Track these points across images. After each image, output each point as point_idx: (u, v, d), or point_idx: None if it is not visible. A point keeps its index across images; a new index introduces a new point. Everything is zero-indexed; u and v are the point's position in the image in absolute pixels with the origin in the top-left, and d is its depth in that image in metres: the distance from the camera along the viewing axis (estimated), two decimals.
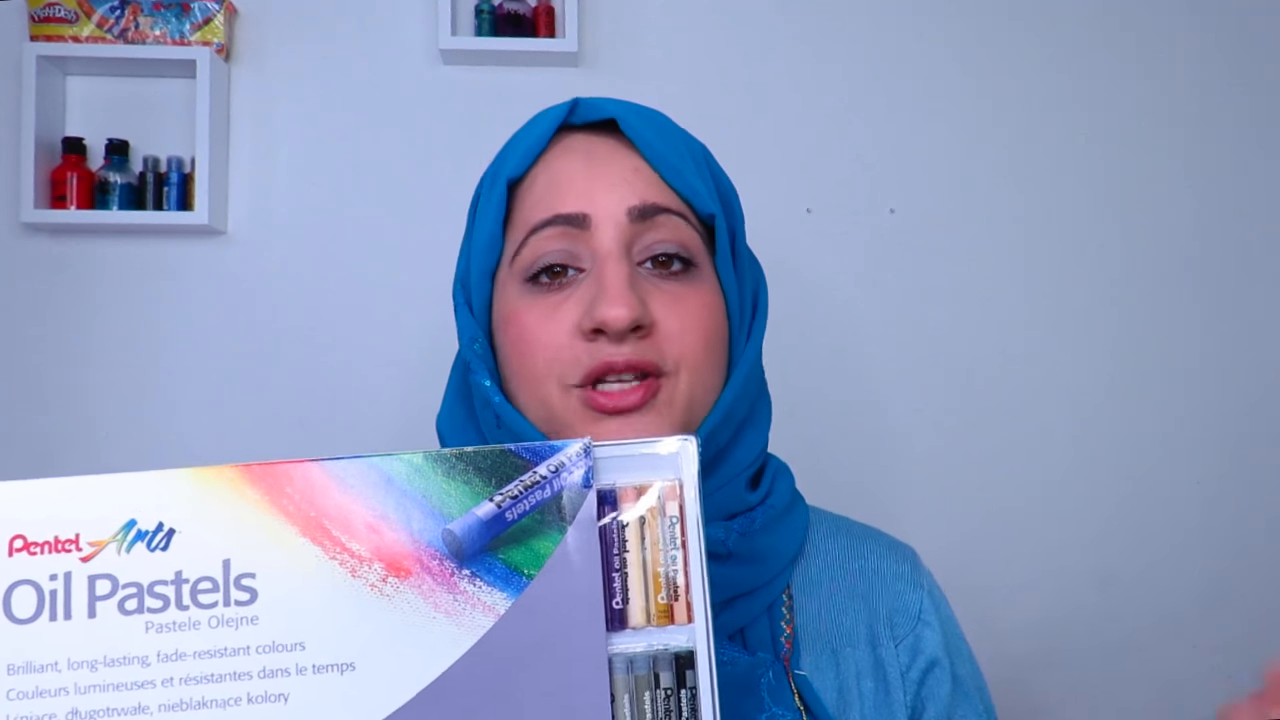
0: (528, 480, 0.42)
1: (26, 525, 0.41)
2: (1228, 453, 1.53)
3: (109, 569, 0.40)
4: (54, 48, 1.36)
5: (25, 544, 0.41)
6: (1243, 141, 1.54)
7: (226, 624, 0.40)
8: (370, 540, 0.41)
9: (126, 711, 0.39)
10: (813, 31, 1.50)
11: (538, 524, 0.42)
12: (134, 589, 0.40)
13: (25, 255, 1.41)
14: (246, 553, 0.41)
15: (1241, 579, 1.52)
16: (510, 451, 0.42)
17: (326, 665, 0.40)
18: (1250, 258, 1.54)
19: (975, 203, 1.51)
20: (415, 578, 0.41)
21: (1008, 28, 1.52)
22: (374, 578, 0.41)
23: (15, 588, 0.40)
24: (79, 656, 0.40)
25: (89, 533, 0.41)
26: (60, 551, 0.41)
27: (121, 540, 0.41)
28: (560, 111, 0.61)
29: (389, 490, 0.42)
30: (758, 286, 0.64)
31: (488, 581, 0.42)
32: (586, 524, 0.42)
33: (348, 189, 1.45)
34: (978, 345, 1.50)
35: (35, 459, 1.41)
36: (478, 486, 0.42)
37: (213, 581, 0.41)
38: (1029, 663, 1.48)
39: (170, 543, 0.41)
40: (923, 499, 1.49)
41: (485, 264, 0.60)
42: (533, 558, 0.42)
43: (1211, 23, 1.55)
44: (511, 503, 0.42)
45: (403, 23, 1.47)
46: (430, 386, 1.41)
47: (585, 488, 0.42)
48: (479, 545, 0.42)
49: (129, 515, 0.41)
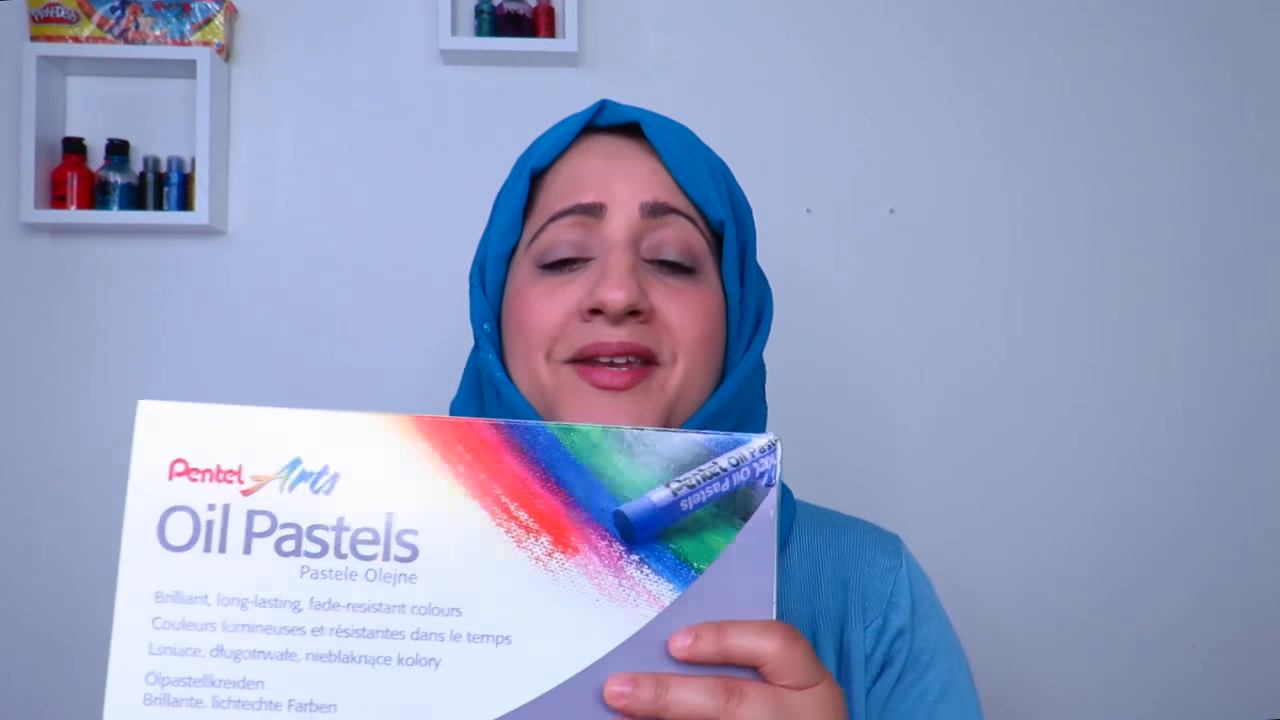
0: (707, 471, 0.41)
1: (189, 450, 0.39)
2: (1227, 453, 1.53)
3: (269, 506, 0.39)
4: (54, 48, 1.36)
5: (186, 469, 0.39)
6: (1243, 142, 1.54)
7: (384, 579, 0.39)
8: (539, 510, 0.40)
9: (273, 656, 0.38)
10: (813, 31, 1.50)
11: (712, 517, 0.40)
12: (293, 530, 0.39)
13: (25, 255, 1.41)
14: (411, 507, 0.39)
15: (1241, 579, 1.52)
16: (693, 438, 0.41)
17: (482, 635, 0.39)
18: (1250, 258, 1.54)
19: (975, 203, 1.51)
20: (582, 556, 0.40)
21: (1008, 28, 1.52)
22: (540, 551, 0.39)
23: (172, 513, 0.39)
24: (230, 593, 0.38)
25: (252, 466, 0.39)
26: (221, 481, 0.39)
27: (285, 478, 0.39)
28: (588, 112, 0.63)
29: (564, 462, 0.40)
30: (762, 302, 0.66)
31: (655, 570, 0.40)
32: (764, 523, 0.40)
33: (348, 189, 1.45)
34: (977, 345, 1.50)
35: (35, 459, 1.41)
36: (656, 471, 0.40)
37: (373, 533, 0.39)
38: (1028, 662, 1.48)
39: (334, 487, 0.39)
40: (922, 498, 1.49)
41: (502, 248, 0.62)
42: (704, 551, 0.40)
43: (1212, 23, 1.54)
44: (688, 492, 0.40)
45: (403, 23, 1.47)
46: (431, 385, 1.41)
47: (767, 486, 0.41)
48: (650, 531, 0.40)
49: (295, 453, 0.39)
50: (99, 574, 1.41)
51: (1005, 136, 1.52)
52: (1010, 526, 1.50)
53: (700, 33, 1.49)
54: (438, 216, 1.44)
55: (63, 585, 1.40)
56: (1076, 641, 1.50)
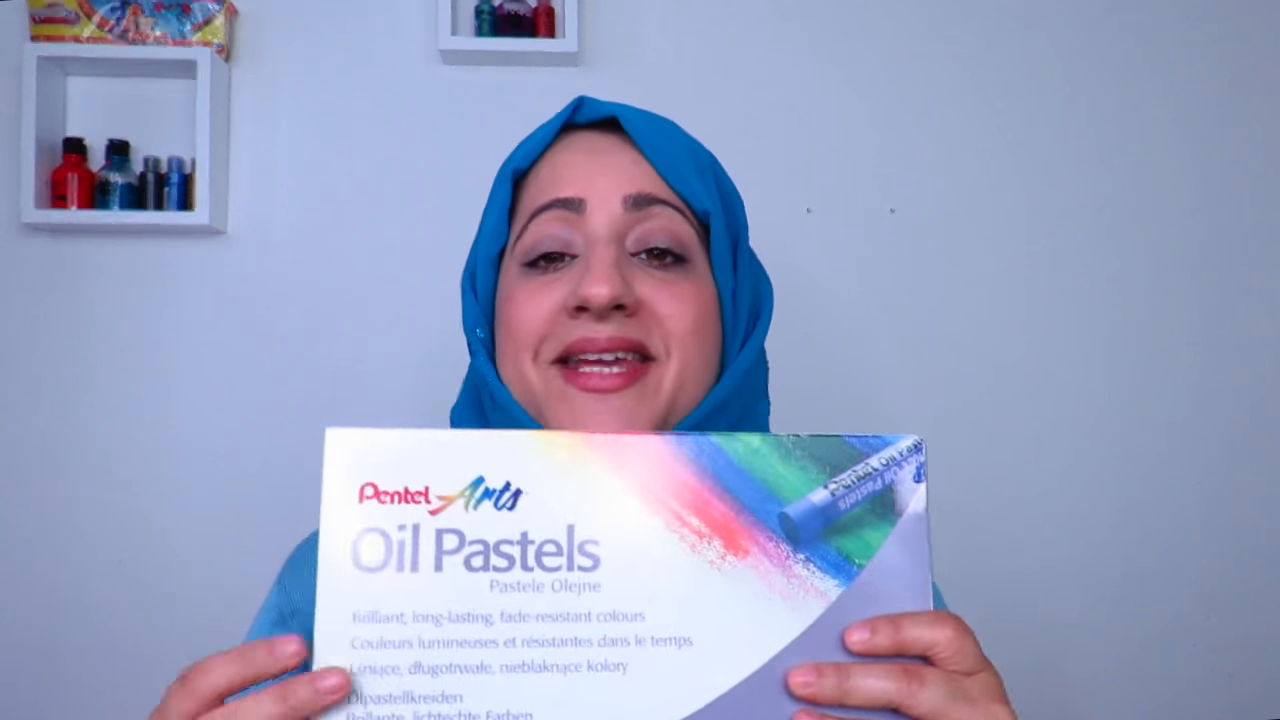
0: (860, 471, 0.43)
1: (377, 474, 0.41)
2: (1228, 453, 1.53)
3: (456, 524, 0.41)
4: (55, 48, 1.36)
5: (376, 492, 0.41)
6: (1244, 142, 1.54)
7: (569, 589, 0.40)
8: (709, 516, 0.42)
9: (469, 669, 0.39)
10: (813, 32, 1.50)
11: (868, 514, 0.43)
12: (480, 546, 0.40)
13: (25, 255, 1.41)
14: (590, 519, 0.41)
15: (1242, 579, 1.52)
16: (844, 441, 0.43)
17: (665, 638, 0.41)
18: (1251, 258, 1.54)
19: (975, 203, 1.51)
20: (752, 558, 0.42)
21: (1008, 28, 1.52)
22: (713, 554, 0.41)
23: (365, 535, 0.40)
24: (424, 609, 0.40)
25: (438, 486, 0.41)
26: (409, 502, 0.41)
27: (469, 496, 0.41)
28: (566, 110, 0.62)
29: (727, 469, 0.42)
30: (759, 293, 0.65)
31: (820, 567, 0.42)
32: (916, 519, 0.43)
33: (348, 189, 1.45)
34: (978, 345, 1.50)
35: (35, 459, 1.41)
36: (812, 473, 0.43)
37: (557, 545, 0.41)
38: (1029, 663, 1.48)
39: (517, 503, 0.41)
40: None
41: (489, 251, 0.61)
42: (863, 547, 0.42)
43: (1213, 23, 1.54)
44: (845, 491, 0.43)
45: (403, 23, 1.47)
46: (431, 385, 1.41)
47: (916, 482, 0.43)
48: (814, 531, 0.42)
49: (477, 472, 0.41)
50: (98, 574, 1.41)
51: (1005, 136, 1.52)
52: (1010, 527, 1.50)
53: (700, 33, 1.49)
54: (438, 216, 1.44)
55: (62, 585, 1.40)
56: (1077, 641, 1.50)
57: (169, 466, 1.42)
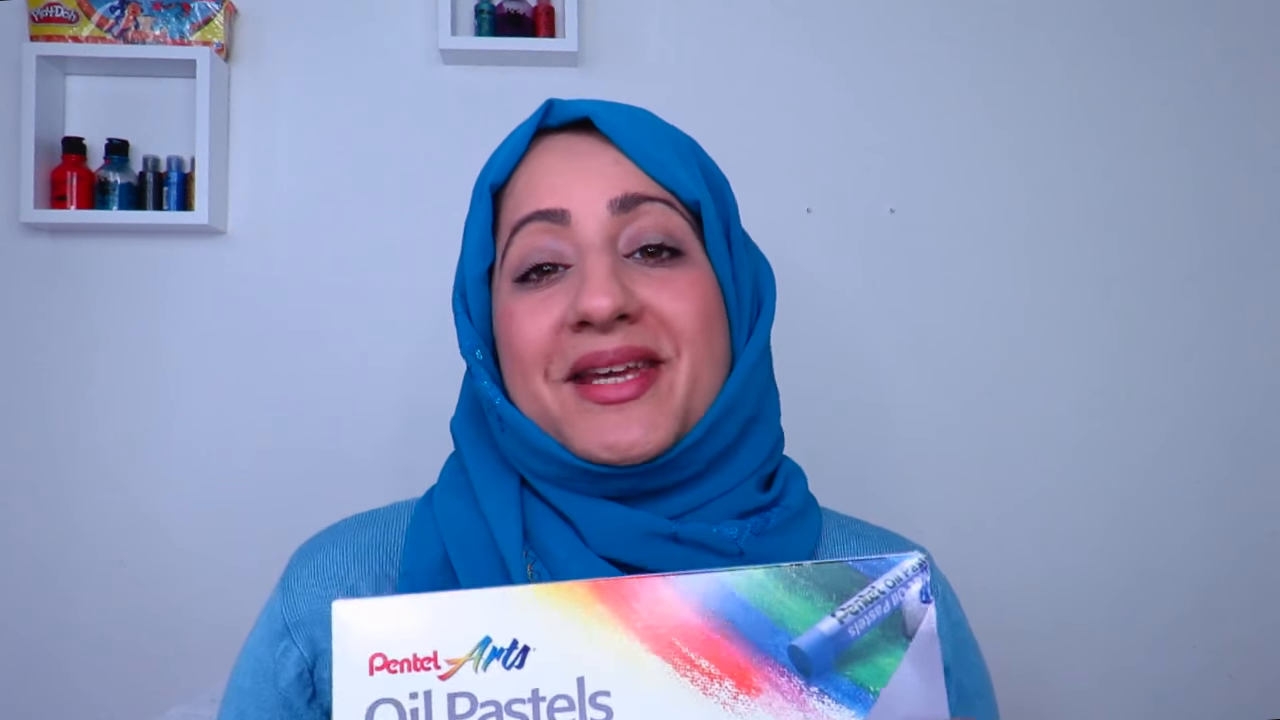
0: (867, 595, 0.42)
1: (385, 644, 0.41)
2: (1228, 453, 1.53)
3: (467, 687, 0.40)
4: (54, 48, 1.36)
5: (385, 662, 0.40)
6: (1244, 143, 1.54)
7: None
8: (719, 656, 0.41)
9: None
10: (814, 32, 1.50)
11: (879, 639, 0.42)
12: (492, 707, 0.40)
13: (25, 255, 1.41)
14: (600, 670, 0.41)
15: (1242, 580, 1.52)
16: (848, 566, 0.43)
17: None
18: (1251, 258, 1.54)
19: (975, 203, 1.51)
20: (766, 695, 0.41)
21: (1008, 28, 1.52)
22: (725, 696, 0.41)
23: (378, 706, 0.40)
24: None
25: (446, 650, 0.41)
26: (419, 670, 0.40)
27: (478, 658, 0.41)
28: (536, 115, 0.61)
29: (733, 605, 0.42)
30: (758, 277, 0.63)
31: (836, 699, 0.41)
32: (927, 639, 0.42)
33: (348, 189, 1.45)
34: (978, 345, 1.50)
35: (36, 459, 1.41)
36: (819, 602, 0.42)
37: (568, 700, 0.40)
38: (1029, 663, 1.48)
39: (525, 660, 0.41)
40: (922, 499, 1.49)
41: (477, 270, 0.60)
42: (877, 674, 0.42)
43: (1214, 24, 1.54)
44: (853, 618, 0.42)
45: (403, 23, 1.47)
46: (431, 386, 1.41)
47: (924, 602, 0.43)
48: (826, 661, 0.41)
49: (483, 632, 0.41)
50: (97, 574, 1.41)
51: (1005, 136, 1.52)
52: (1010, 527, 1.50)
53: (701, 33, 1.49)
54: (438, 216, 1.44)
55: (62, 586, 1.40)
56: (1077, 641, 1.50)
57: (169, 466, 1.42)
